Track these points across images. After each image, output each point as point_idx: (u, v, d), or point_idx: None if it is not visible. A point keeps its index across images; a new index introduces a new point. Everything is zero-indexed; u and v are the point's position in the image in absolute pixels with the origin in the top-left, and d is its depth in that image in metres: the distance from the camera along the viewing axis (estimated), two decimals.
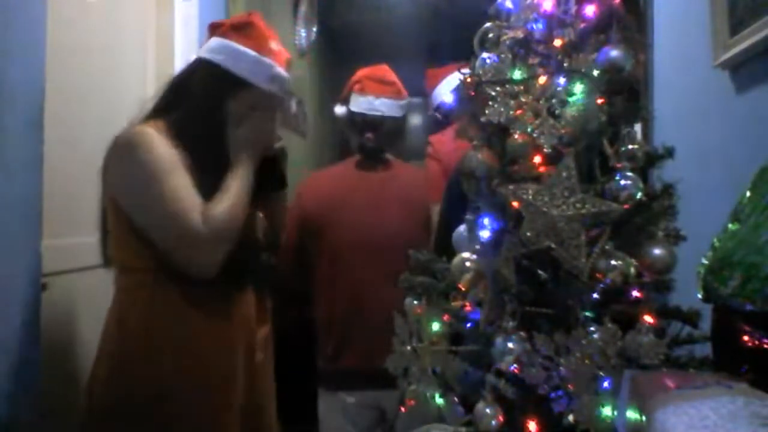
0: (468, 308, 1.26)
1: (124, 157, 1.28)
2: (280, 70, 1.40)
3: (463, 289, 1.27)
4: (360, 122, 2.04)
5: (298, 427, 1.89)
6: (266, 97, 1.39)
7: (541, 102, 1.21)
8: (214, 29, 1.43)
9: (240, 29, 1.38)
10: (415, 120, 5.43)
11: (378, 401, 1.95)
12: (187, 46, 1.94)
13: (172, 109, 1.36)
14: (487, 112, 1.24)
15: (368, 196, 1.97)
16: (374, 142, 2.01)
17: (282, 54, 1.42)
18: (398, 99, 2.06)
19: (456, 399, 1.21)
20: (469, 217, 1.31)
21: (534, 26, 1.30)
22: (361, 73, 2.13)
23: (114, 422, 1.26)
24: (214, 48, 1.38)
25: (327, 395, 2.06)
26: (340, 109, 2.12)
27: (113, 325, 1.32)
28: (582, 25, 1.29)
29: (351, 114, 2.03)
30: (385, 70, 2.13)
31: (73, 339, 1.45)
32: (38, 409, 1.24)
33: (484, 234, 1.25)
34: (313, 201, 2.05)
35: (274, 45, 1.42)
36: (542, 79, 1.25)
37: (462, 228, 1.34)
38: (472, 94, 1.34)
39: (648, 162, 1.24)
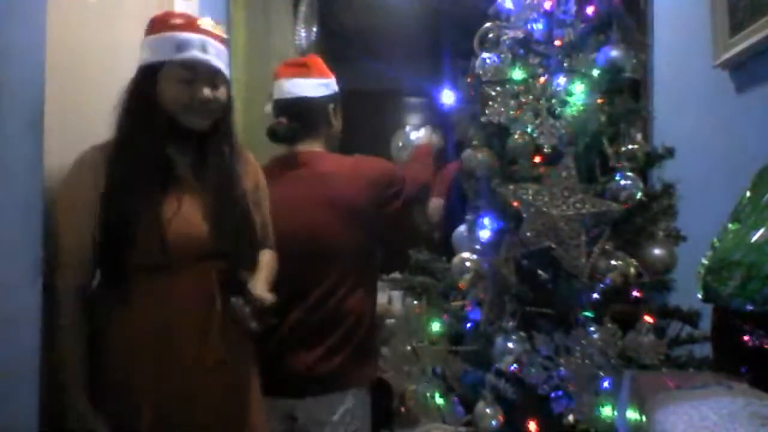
0: (468, 308, 1.26)
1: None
2: (186, 35, 1.36)
3: (463, 289, 1.27)
4: (276, 110, 1.82)
5: None
6: (185, 67, 1.36)
7: (541, 102, 1.21)
8: None
9: (153, 22, 1.40)
10: (414, 120, 5.43)
11: (291, 411, 1.76)
12: None
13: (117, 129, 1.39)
14: (487, 112, 1.24)
15: (284, 198, 1.71)
16: (284, 125, 1.79)
17: (190, 22, 1.38)
18: (309, 77, 1.84)
19: (456, 399, 1.22)
20: (469, 217, 1.31)
21: (534, 26, 1.30)
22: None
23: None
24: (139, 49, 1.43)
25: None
26: (267, 107, 1.89)
27: None
28: (582, 25, 1.30)
29: (272, 106, 1.86)
30: (304, 57, 1.92)
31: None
32: (38, 410, 1.24)
33: (484, 234, 1.25)
34: None
35: (178, 20, 1.39)
36: (542, 79, 1.25)
37: (462, 228, 1.34)
38: (472, 94, 1.34)
39: (648, 162, 1.24)
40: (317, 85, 1.81)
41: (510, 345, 1.13)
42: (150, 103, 1.34)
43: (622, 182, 1.16)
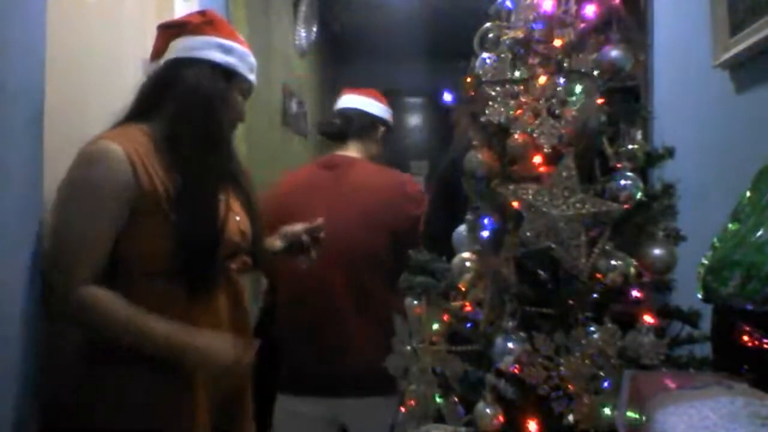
0: (468, 308, 1.26)
1: (69, 171, 1.26)
2: (253, 59, 1.42)
3: (463, 289, 1.27)
4: (333, 115, 2.10)
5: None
6: (249, 88, 1.42)
7: (541, 102, 1.21)
8: (173, 29, 1.42)
9: (212, 24, 1.39)
10: (415, 120, 5.43)
11: (334, 410, 1.84)
12: None
13: (155, 113, 1.33)
14: (487, 112, 1.24)
15: (316, 198, 1.85)
16: (333, 124, 2.02)
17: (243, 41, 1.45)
18: (370, 98, 2.10)
19: (456, 399, 1.21)
20: (469, 217, 1.31)
21: (534, 26, 1.30)
22: None
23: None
24: (196, 45, 1.37)
25: (283, 399, 1.97)
26: None
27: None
28: (582, 25, 1.29)
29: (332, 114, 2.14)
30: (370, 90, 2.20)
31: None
32: (37, 409, 1.24)
33: (484, 234, 1.25)
34: (271, 205, 1.97)
35: (240, 37, 1.45)
36: (542, 79, 1.25)
37: (462, 228, 1.34)
38: (473, 94, 1.34)
39: (648, 162, 1.24)
40: (375, 106, 2.06)
41: (510, 345, 1.13)
42: (228, 104, 1.37)
43: (622, 182, 1.16)
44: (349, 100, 2.08)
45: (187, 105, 1.32)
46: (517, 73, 1.26)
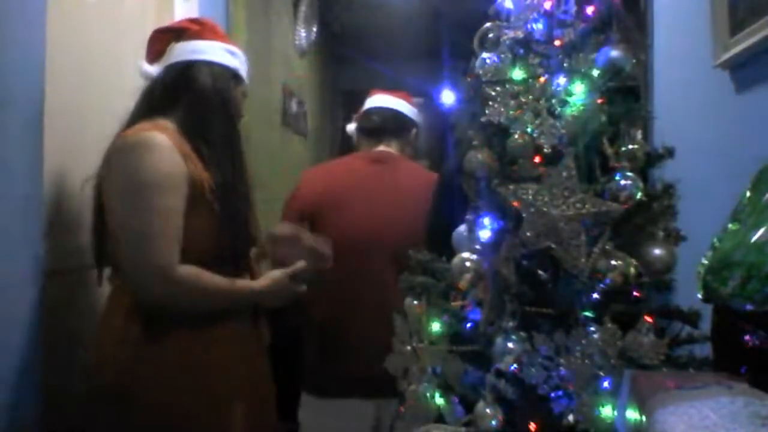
0: (468, 308, 1.26)
1: (124, 160, 1.27)
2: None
3: (463, 289, 1.27)
4: (368, 113, 2.14)
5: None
6: (246, 90, 1.51)
7: (541, 102, 1.21)
8: (171, 33, 1.47)
9: (212, 30, 1.48)
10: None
11: (369, 410, 1.82)
12: None
13: (172, 111, 1.38)
14: (487, 112, 1.24)
15: (368, 190, 1.88)
16: (375, 122, 2.06)
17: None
18: (404, 100, 2.14)
19: (456, 399, 1.21)
20: (469, 217, 1.31)
21: (534, 26, 1.30)
22: None
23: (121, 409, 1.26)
24: (205, 49, 1.43)
25: (311, 400, 1.96)
26: (350, 127, 2.23)
27: (111, 326, 1.31)
28: (582, 25, 1.29)
29: (362, 114, 2.17)
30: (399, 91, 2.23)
31: (73, 339, 1.45)
32: (40, 408, 1.24)
33: (484, 234, 1.25)
34: (310, 194, 1.98)
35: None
36: (542, 79, 1.25)
37: (462, 228, 1.34)
38: (472, 94, 1.34)
39: (648, 162, 1.24)
40: (409, 108, 2.13)
41: (510, 345, 1.13)
42: (234, 104, 1.45)
43: (622, 182, 1.16)
44: (382, 100, 2.09)
45: (210, 103, 1.41)
46: (517, 73, 1.26)
